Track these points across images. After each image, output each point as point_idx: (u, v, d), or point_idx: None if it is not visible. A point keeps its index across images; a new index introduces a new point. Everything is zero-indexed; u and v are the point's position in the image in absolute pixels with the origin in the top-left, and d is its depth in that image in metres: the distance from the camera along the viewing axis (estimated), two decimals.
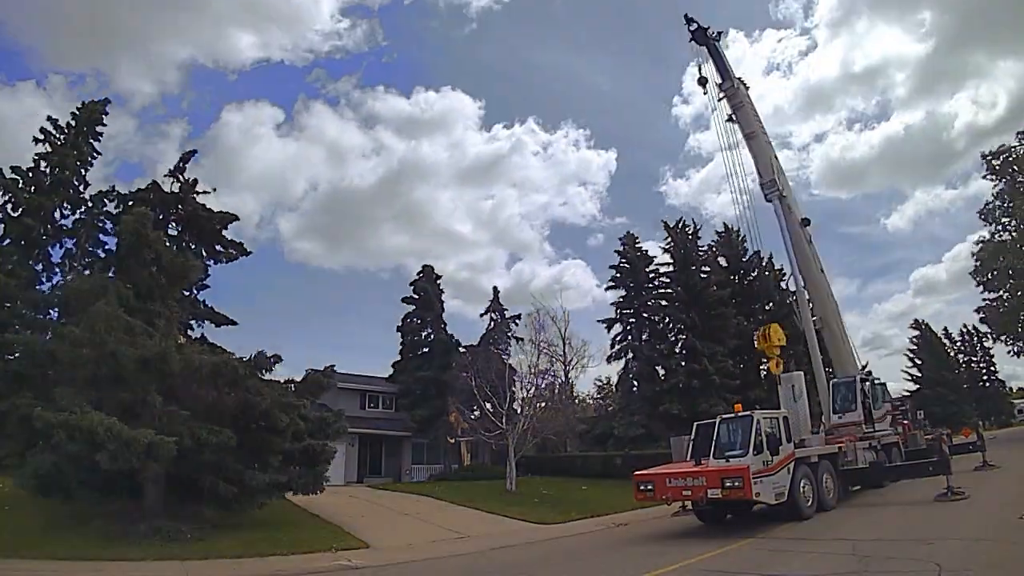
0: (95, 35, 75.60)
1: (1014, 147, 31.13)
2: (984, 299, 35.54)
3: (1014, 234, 31.72)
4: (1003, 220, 32.65)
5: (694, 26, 21.04)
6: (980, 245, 33.94)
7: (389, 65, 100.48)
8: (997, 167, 31.52)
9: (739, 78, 20.66)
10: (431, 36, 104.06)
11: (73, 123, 24.58)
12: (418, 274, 35.73)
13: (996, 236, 32.93)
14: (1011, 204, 31.21)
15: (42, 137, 23.79)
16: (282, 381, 14.51)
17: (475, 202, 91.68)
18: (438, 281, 35.61)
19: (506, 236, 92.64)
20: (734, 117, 20.45)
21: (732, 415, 12.58)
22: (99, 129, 25.42)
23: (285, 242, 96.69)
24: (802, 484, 11.81)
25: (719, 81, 20.68)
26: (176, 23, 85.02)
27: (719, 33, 21.21)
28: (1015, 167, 30.80)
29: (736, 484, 10.63)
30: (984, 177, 32.80)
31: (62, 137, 24.18)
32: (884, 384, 18.86)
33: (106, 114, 25.75)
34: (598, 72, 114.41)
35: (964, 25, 79.98)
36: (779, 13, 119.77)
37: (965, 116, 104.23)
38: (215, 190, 26.00)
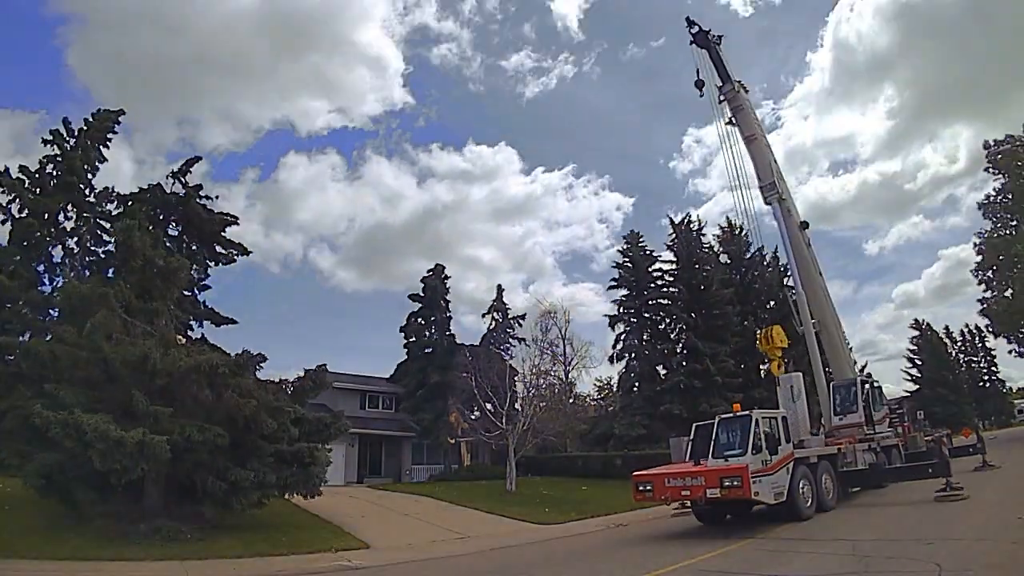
0: (181, 98, 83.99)
1: (1019, 140, 30.94)
2: (983, 298, 35.54)
3: (1016, 231, 31.63)
4: (1005, 215, 32.58)
5: (695, 29, 21.06)
6: (981, 239, 33.84)
7: (440, 122, 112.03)
8: (1000, 161, 31.38)
9: (739, 81, 20.66)
10: (487, 98, 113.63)
11: (85, 128, 24.62)
12: (428, 271, 35.40)
13: (997, 231, 32.85)
14: (1013, 199, 31.13)
15: (51, 139, 23.83)
16: (276, 380, 14.52)
17: (503, 234, 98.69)
18: (446, 281, 35.20)
19: (525, 262, 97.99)
20: (734, 120, 20.49)
21: (731, 415, 12.57)
22: (109, 136, 25.44)
23: (324, 271, 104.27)
24: (801, 484, 11.80)
25: (719, 84, 20.69)
26: (255, 90, 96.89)
27: (719, 37, 21.22)
28: (1019, 161, 30.65)
29: (735, 483, 10.62)
30: (986, 170, 32.69)
31: (72, 141, 24.22)
32: (880, 387, 18.87)
33: (118, 123, 25.80)
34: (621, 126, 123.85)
35: (922, 102, 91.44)
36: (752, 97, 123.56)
37: (931, 167, 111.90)
38: (217, 197, 26.10)
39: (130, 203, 24.61)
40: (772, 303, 33.87)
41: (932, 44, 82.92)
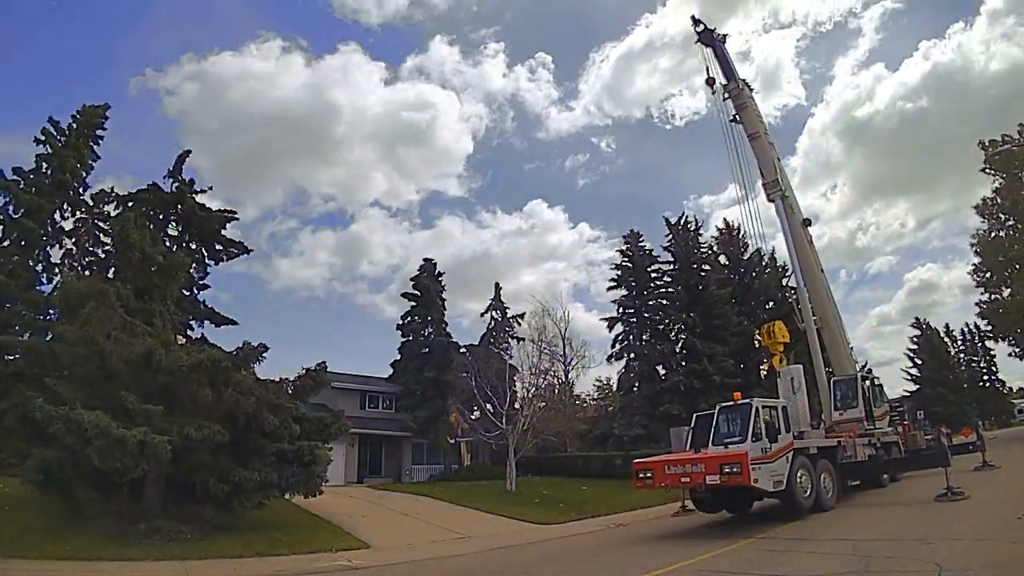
0: (251, 167, 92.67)
1: (1016, 141, 30.98)
2: (981, 300, 35.61)
3: (1013, 231, 31.66)
4: (1002, 216, 32.61)
5: (700, 27, 21.14)
6: (978, 241, 33.88)
7: (495, 186, 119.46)
8: (998, 162, 31.42)
9: (743, 80, 20.76)
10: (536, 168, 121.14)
11: (75, 125, 24.58)
12: (419, 269, 34.77)
13: (994, 231, 32.88)
14: (1010, 200, 31.16)
15: (43, 139, 23.80)
16: (277, 379, 14.50)
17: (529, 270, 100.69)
18: (440, 278, 34.89)
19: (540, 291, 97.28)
20: (738, 118, 20.56)
21: (731, 403, 12.63)
22: (99, 133, 25.41)
23: (373, 305, 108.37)
24: (800, 475, 11.82)
25: (724, 82, 20.77)
26: (324, 167, 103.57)
27: (724, 36, 21.31)
28: (1016, 162, 30.68)
29: (734, 470, 10.64)
30: (982, 171, 32.73)
31: (62, 139, 24.18)
32: (881, 385, 18.93)
33: (106, 118, 25.73)
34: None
35: (868, 187, 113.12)
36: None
37: (884, 230, 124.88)
38: (211, 188, 26.00)
39: (129, 203, 24.57)
40: (771, 303, 33.89)
41: (870, 148, 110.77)
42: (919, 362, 58.27)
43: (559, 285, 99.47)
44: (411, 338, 33.71)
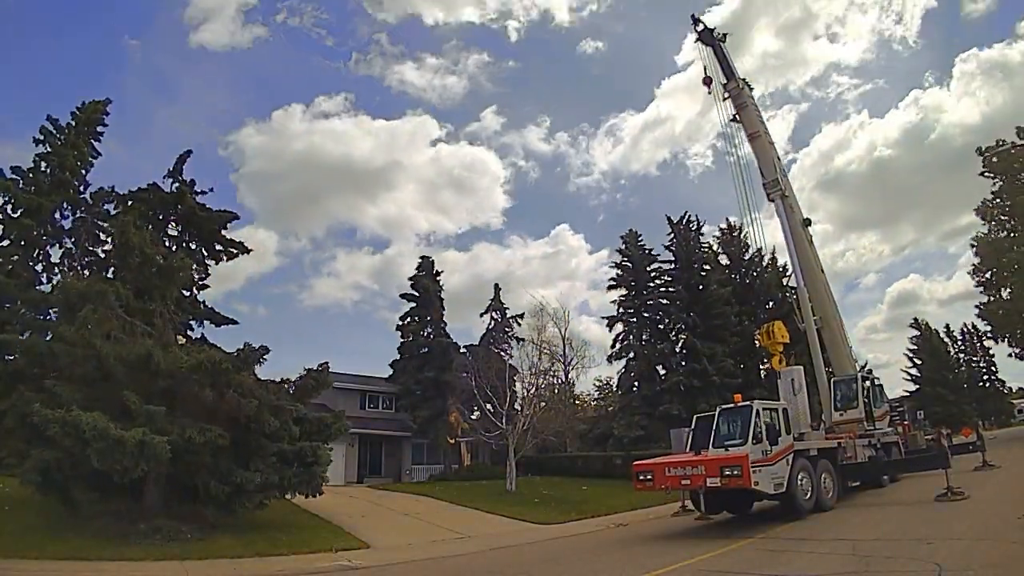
0: (300, 205, 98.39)
1: (1014, 144, 30.99)
2: (981, 302, 35.62)
3: (1014, 233, 31.68)
4: (1001, 218, 32.63)
5: (701, 27, 21.15)
6: (977, 242, 33.92)
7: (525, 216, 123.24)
8: (996, 164, 31.45)
9: (743, 79, 20.71)
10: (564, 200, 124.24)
11: (73, 123, 24.54)
12: (418, 269, 34.46)
13: (994, 233, 32.91)
14: (1009, 202, 31.19)
15: (42, 138, 23.77)
16: (278, 380, 14.49)
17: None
18: (438, 277, 34.74)
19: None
20: (738, 117, 20.54)
21: (732, 405, 12.62)
22: (99, 129, 25.37)
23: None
24: (800, 476, 11.82)
25: (724, 81, 20.76)
26: (371, 206, 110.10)
27: (724, 35, 21.30)
28: (1015, 164, 30.72)
29: (735, 472, 10.63)
30: (982, 174, 32.75)
31: (62, 138, 24.14)
32: (881, 385, 18.94)
33: (106, 114, 25.70)
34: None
35: (843, 225, 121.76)
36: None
37: (863, 256, 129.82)
38: (212, 190, 25.94)
39: (129, 203, 24.55)
40: (771, 303, 33.89)
41: (841, 195, 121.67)
42: (919, 362, 58.23)
43: (570, 301, 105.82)
44: (411, 338, 33.61)
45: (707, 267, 33.69)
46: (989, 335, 41.74)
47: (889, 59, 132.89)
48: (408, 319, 34.05)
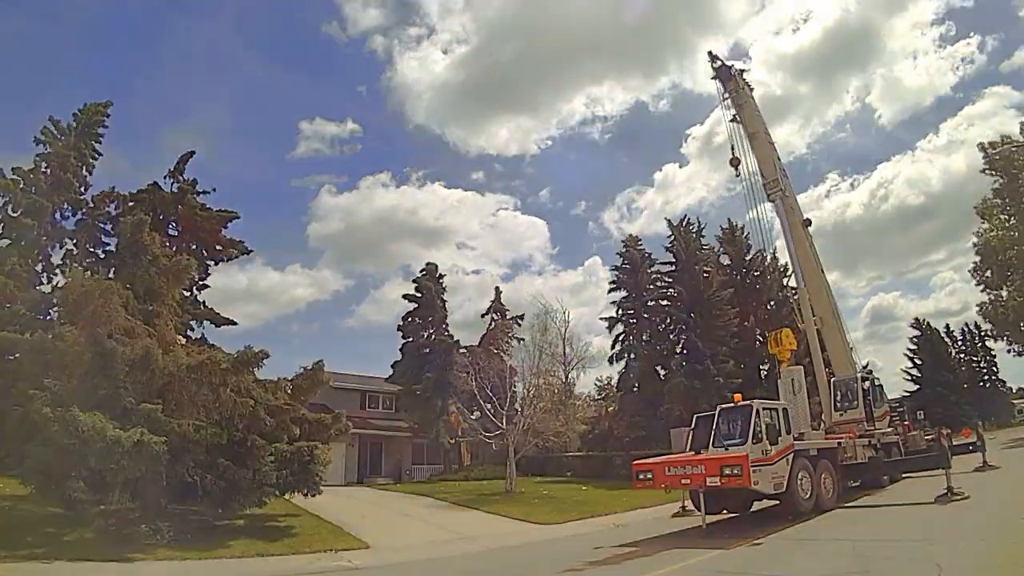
0: (366, 252, 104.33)
1: (1015, 142, 30.98)
2: (981, 302, 35.62)
3: (1013, 231, 31.66)
4: (1002, 216, 32.61)
5: (718, 63, 21.20)
6: (978, 241, 33.87)
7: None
8: (998, 162, 31.41)
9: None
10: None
11: (75, 124, 24.55)
12: (421, 272, 34.95)
13: (995, 231, 32.88)
14: (1010, 200, 31.17)
15: (43, 138, 23.78)
16: (276, 380, 14.49)
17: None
18: (441, 280, 34.96)
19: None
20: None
21: (732, 405, 12.62)
22: (100, 131, 25.37)
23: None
24: (800, 476, 11.82)
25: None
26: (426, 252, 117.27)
27: (741, 71, 21.52)
28: (1016, 162, 30.68)
29: (735, 472, 10.64)
30: (982, 172, 32.75)
31: (62, 138, 24.16)
32: (881, 386, 18.93)
33: (107, 115, 25.71)
34: None
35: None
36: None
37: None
38: (214, 190, 25.98)
39: (131, 204, 24.57)
40: (772, 303, 33.88)
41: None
42: (919, 362, 58.18)
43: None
44: (412, 339, 33.69)
45: (707, 268, 33.68)
46: (990, 335, 41.72)
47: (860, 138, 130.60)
48: (409, 319, 34.14)
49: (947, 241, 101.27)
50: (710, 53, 21.44)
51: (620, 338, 33.77)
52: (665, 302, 33.14)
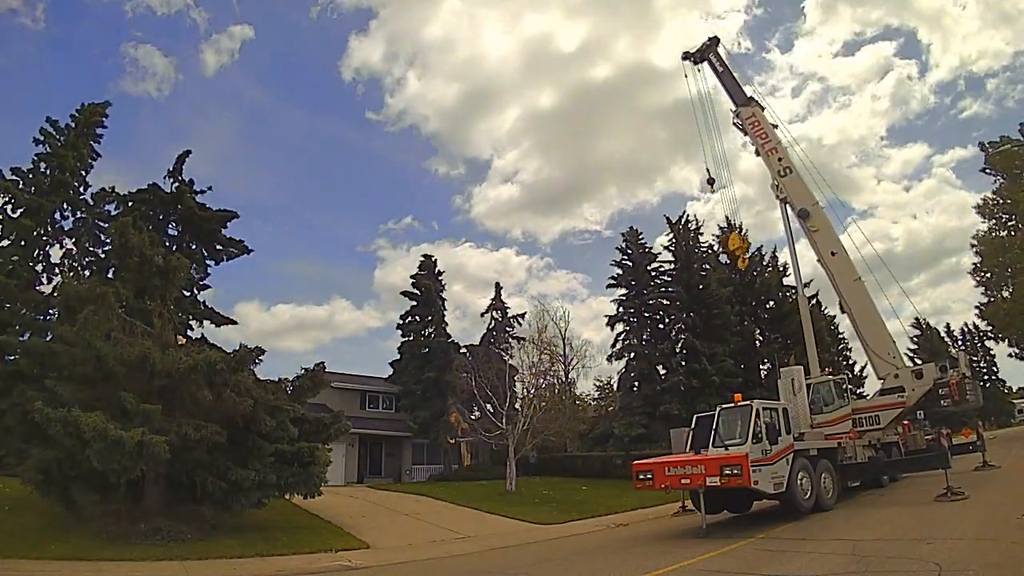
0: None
1: (1016, 142, 30.97)
2: (981, 303, 35.64)
3: (1013, 231, 31.68)
4: (1002, 216, 32.61)
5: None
6: (978, 240, 33.89)
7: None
8: (998, 162, 31.40)
9: (751, 97, 20.91)
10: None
11: (73, 124, 24.56)
12: (419, 268, 34.35)
13: (994, 232, 32.89)
14: (1010, 200, 31.16)
15: (42, 138, 23.79)
16: (276, 380, 14.49)
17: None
18: (440, 278, 34.52)
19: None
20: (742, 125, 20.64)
21: (732, 405, 12.61)
22: (99, 131, 25.40)
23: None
24: (800, 476, 11.82)
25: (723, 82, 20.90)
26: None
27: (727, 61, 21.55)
28: (1016, 162, 30.68)
29: (735, 472, 10.64)
30: (983, 171, 32.76)
31: (61, 139, 24.16)
32: (847, 387, 17.99)
33: (106, 116, 25.72)
34: None
35: None
36: None
37: None
38: (211, 188, 25.94)
39: (129, 203, 24.57)
40: (771, 303, 33.86)
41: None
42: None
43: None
44: (411, 338, 33.54)
45: (707, 267, 33.65)
46: (989, 334, 41.72)
47: None
48: (409, 319, 33.96)
49: None
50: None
51: (620, 337, 33.73)
52: (665, 301, 33.11)
